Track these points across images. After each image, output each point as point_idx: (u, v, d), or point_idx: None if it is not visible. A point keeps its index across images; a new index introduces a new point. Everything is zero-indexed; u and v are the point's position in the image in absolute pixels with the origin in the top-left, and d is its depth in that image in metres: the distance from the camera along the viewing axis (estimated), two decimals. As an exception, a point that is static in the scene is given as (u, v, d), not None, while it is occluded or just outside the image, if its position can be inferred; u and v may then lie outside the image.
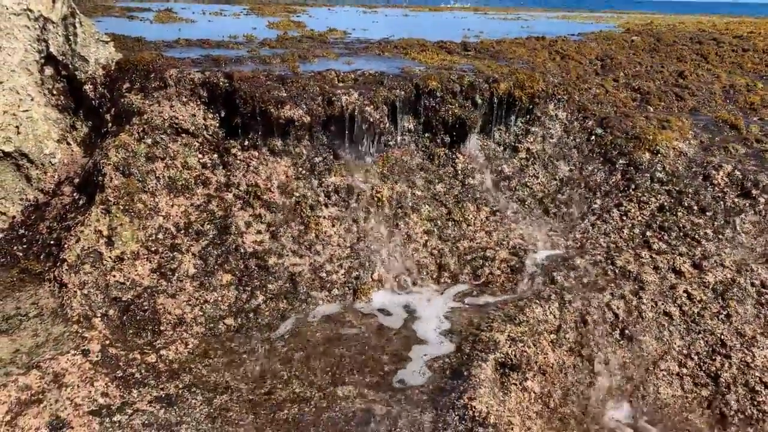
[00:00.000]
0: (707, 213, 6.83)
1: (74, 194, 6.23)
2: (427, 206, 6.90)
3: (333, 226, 6.42)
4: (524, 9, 27.67)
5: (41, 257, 5.74)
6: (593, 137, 7.91)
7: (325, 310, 5.80)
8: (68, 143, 6.63)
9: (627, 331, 5.75)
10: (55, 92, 6.61)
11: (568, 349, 5.51)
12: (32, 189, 6.36)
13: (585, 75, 9.17)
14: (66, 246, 5.57)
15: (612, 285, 6.07)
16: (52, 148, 6.48)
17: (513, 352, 5.11)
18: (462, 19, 17.32)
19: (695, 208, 6.90)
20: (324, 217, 6.43)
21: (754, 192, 6.94)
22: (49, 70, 6.54)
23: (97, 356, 4.77)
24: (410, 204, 6.84)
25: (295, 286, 5.88)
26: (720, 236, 6.63)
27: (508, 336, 5.26)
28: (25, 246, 5.91)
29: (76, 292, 5.29)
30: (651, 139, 7.62)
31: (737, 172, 7.14)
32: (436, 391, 4.77)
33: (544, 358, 5.26)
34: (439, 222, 6.83)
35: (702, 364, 5.66)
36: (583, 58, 9.83)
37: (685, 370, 5.64)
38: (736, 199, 6.93)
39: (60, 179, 6.41)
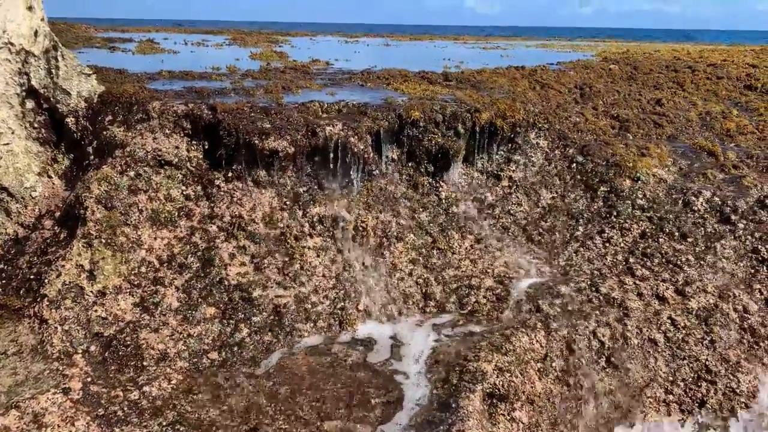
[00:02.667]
0: (688, 239, 6.92)
1: (55, 228, 6.15)
2: (411, 235, 6.91)
3: (318, 256, 6.39)
4: (504, 38, 28.09)
5: (21, 293, 5.63)
6: (574, 165, 8.00)
7: (311, 342, 5.75)
8: (49, 176, 6.57)
9: (613, 359, 5.76)
10: (36, 125, 6.57)
11: (554, 378, 5.50)
12: (12, 223, 6.27)
13: (565, 104, 9.31)
14: (46, 281, 5.49)
15: (597, 312, 6.09)
16: (33, 181, 6.42)
17: (500, 382, 5.08)
18: (442, 48, 17.55)
19: (676, 234, 6.98)
20: (309, 248, 6.40)
21: (733, 218, 7.04)
22: (30, 103, 6.51)
23: (78, 394, 4.67)
24: (395, 233, 6.84)
25: (280, 319, 5.82)
26: (702, 262, 6.70)
27: (495, 366, 5.23)
28: (4, 281, 5.81)
29: (56, 328, 5.19)
30: (631, 167, 7.73)
31: (716, 198, 7.26)
32: (424, 424, 4.72)
33: (532, 387, 5.23)
34: (424, 251, 6.84)
35: (688, 390, 5.68)
36: (562, 86, 9.98)
37: (671, 397, 5.65)
38: (716, 225, 7.03)
39: (41, 213, 6.34)
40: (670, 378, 5.73)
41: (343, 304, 6.11)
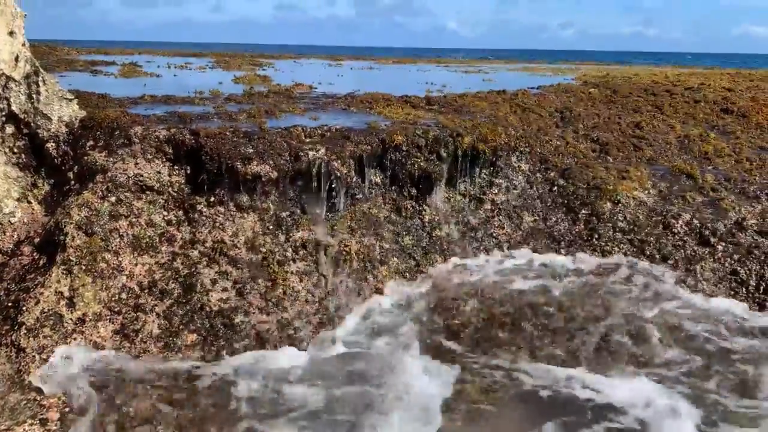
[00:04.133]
0: (669, 261, 6.98)
1: (34, 254, 6.07)
2: (395, 259, 6.91)
3: (301, 281, 6.37)
4: (486, 61, 28.47)
5: (-2, 320, 5.54)
6: (556, 188, 8.08)
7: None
8: (29, 202, 6.51)
9: (596, 382, 5.77)
10: (15, 150, 6.51)
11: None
12: (-10, 249, 6.18)
13: (546, 127, 9.42)
14: (24, 308, 5.41)
15: (580, 335, 6.11)
16: (12, 207, 6.35)
17: (484, 408, 5.07)
18: (425, 72, 17.72)
19: (657, 256, 7.05)
20: (292, 273, 6.38)
21: (712, 240, 7.13)
22: (10, 128, 6.46)
23: (55, 425, 4.58)
24: (378, 257, 6.84)
25: (263, 345, 5.77)
26: (682, 284, 6.76)
27: (479, 391, 5.23)
28: (-19, 309, 5.70)
29: (34, 357, 5.11)
30: (611, 189, 7.82)
31: (695, 221, 7.35)
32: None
33: (516, 412, 5.23)
34: (407, 275, 6.84)
35: (671, 413, 5.69)
36: (543, 110, 10.10)
37: (654, 420, 5.65)
38: (695, 248, 7.11)
39: (19, 239, 6.26)
40: (653, 401, 5.74)
41: (326, 329, 6.07)
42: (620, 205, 7.67)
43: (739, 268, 6.87)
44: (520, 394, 5.24)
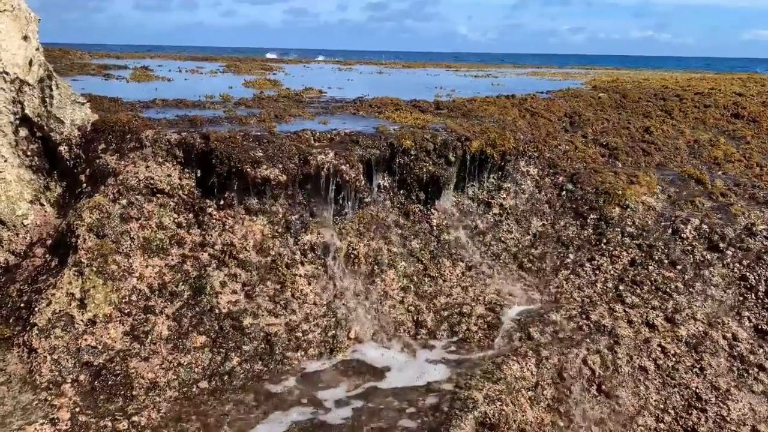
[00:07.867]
0: (677, 266, 6.97)
1: (46, 256, 6.15)
2: (403, 262, 6.94)
3: (309, 284, 6.40)
4: (495, 65, 28.48)
5: (10, 321, 5.61)
6: (564, 192, 8.09)
7: (302, 371, 5.73)
8: (41, 204, 6.59)
9: (604, 387, 5.77)
10: (29, 153, 6.60)
11: (546, 406, 5.50)
12: (2, 251, 6.26)
13: (554, 132, 9.42)
14: (36, 309, 5.48)
15: (587, 340, 6.12)
16: (25, 209, 6.43)
17: (491, 411, 5.08)
18: (434, 76, 17.76)
19: (666, 261, 7.04)
20: (300, 276, 6.42)
21: (721, 245, 7.12)
22: (23, 131, 6.55)
23: (66, 425, 4.64)
24: (386, 261, 6.87)
25: (271, 347, 5.82)
26: (691, 289, 6.75)
27: (486, 394, 5.23)
28: (-7, 310, 5.78)
29: (45, 357, 5.17)
30: (620, 194, 7.82)
31: (704, 226, 7.34)
32: (414, 453, 4.70)
33: (523, 416, 5.23)
34: (415, 278, 6.87)
35: (679, 418, 5.68)
36: (552, 115, 10.11)
37: (662, 425, 5.65)
38: (704, 253, 7.09)
39: (32, 240, 6.34)
40: (661, 406, 5.74)
41: (334, 332, 6.11)
42: (629, 209, 7.67)
43: (748, 274, 6.85)
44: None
